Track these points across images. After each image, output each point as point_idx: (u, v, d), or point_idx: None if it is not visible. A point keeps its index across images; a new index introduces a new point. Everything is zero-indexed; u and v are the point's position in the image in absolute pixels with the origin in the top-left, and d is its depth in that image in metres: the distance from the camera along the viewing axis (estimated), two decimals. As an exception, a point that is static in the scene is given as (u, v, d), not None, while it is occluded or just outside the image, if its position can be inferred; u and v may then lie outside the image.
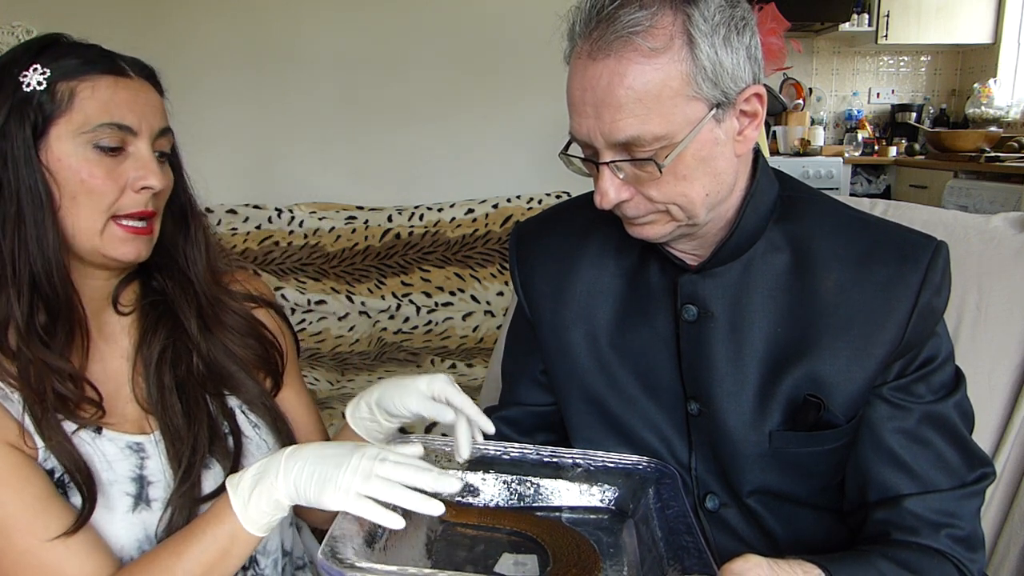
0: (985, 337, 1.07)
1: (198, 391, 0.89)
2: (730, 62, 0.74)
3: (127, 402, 0.87)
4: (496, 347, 1.43)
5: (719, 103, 0.74)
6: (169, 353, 0.89)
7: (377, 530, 0.73)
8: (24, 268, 0.78)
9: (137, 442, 0.85)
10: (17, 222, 0.77)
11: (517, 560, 0.74)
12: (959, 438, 0.81)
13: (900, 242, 0.82)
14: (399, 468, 0.70)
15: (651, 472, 0.85)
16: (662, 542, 0.74)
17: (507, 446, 0.88)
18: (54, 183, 0.78)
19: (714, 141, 0.76)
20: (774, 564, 0.69)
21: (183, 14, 3.16)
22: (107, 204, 0.79)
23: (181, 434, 0.85)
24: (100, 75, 0.79)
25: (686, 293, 0.86)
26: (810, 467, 0.84)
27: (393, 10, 3.34)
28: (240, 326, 0.93)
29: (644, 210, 0.79)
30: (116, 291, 0.88)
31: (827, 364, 0.80)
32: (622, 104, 0.72)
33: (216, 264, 0.94)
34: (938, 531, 0.78)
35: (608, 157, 0.76)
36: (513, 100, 3.42)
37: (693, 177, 0.76)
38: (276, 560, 0.93)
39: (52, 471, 0.78)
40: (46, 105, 0.77)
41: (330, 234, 3.09)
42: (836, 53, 4.48)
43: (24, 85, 0.77)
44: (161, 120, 0.84)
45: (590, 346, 0.91)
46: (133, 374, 0.88)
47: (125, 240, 0.81)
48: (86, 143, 0.78)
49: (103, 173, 0.79)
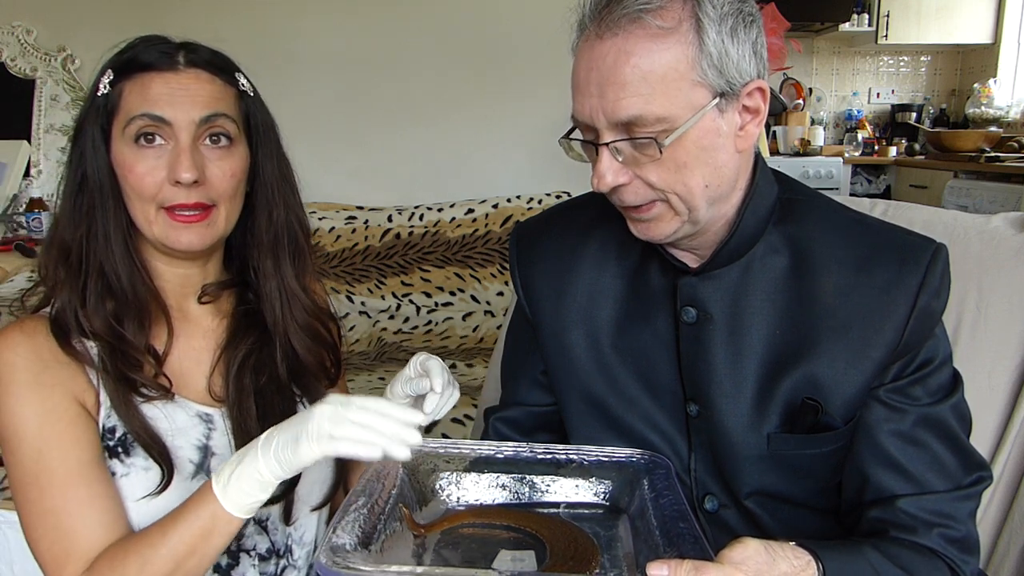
0: (985, 337, 1.07)
1: (275, 398, 0.92)
2: (736, 53, 0.74)
3: (202, 379, 0.90)
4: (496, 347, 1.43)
5: (723, 92, 0.75)
6: (253, 360, 0.91)
7: (375, 531, 0.73)
8: (94, 257, 0.84)
9: (207, 412, 0.89)
10: (90, 214, 0.84)
11: (515, 556, 0.74)
12: (955, 441, 0.81)
13: (899, 245, 0.82)
14: (365, 407, 0.71)
15: (644, 463, 0.86)
16: (658, 531, 0.75)
17: (500, 445, 0.89)
18: (119, 180, 0.84)
19: (716, 131, 0.76)
20: (770, 548, 0.69)
21: (183, 14, 3.16)
22: (150, 196, 0.83)
23: (253, 436, 0.86)
24: (147, 72, 0.83)
25: (685, 295, 0.86)
26: (808, 469, 0.84)
27: (393, 10, 3.34)
28: (307, 326, 0.95)
29: (643, 197, 0.79)
30: (204, 287, 0.92)
31: (825, 367, 0.80)
32: (627, 82, 0.72)
33: (304, 266, 0.95)
34: (931, 530, 0.78)
35: (608, 138, 0.76)
36: (513, 100, 3.41)
37: (693, 165, 0.76)
38: (310, 552, 0.96)
39: (114, 428, 0.83)
40: (109, 108, 0.83)
41: (330, 234, 3.10)
42: (836, 53, 4.48)
43: (98, 91, 0.84)
44: (206, 108, 0.83)
45: (590, 347, 0.91)
46: (213, 371, 0.91)
47: (176, 228, 0.84)
48: (129, 138, 0.82)
49: (142, 167, 0.82)
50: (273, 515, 0.92)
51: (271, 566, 0.92)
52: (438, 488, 0.87)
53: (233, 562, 0.90)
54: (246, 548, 0.90)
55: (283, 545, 0.93)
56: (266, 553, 0.92)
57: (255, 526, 0.91)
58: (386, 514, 0.77)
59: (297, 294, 0.93)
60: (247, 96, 0.89)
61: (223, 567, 0.89)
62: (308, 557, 0.96)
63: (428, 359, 0.86)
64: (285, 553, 0.93)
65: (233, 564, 0.90)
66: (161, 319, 0.88)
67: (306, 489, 0.93)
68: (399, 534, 0.78)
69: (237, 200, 0.88)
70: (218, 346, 0.91)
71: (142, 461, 0.83)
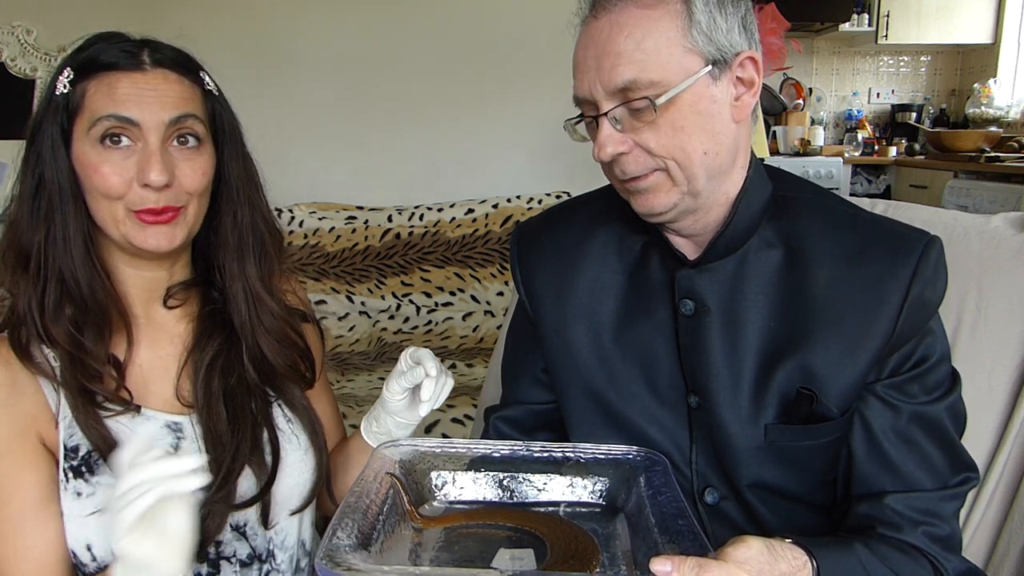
0: (985, 337, 1.07)
1: (245, 400, 0.90)
2: (724, 24, 0.78)
3: (169, 386, 0.89)
4: (496, 347, 1.43)
5: (715, 60, 0.78)
6: (220, 361, 0.90)
7: (373, 532, 0.73)
8: (52, 262, 0.81)
9: (175, 421, 0.87)
10: (48, 217, 0.81)
11: (514, 555, 0.74)
12: (947, 441, 0.82)
13: (892, 237, 0.83)
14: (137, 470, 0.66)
15: (640, 460, 0.86)
16: (656, 528, 0.74)
17: (497, 444, 0.89)
18: (81, 181, 0.81)
19: (711, 98, 0.78)
20: (771, 547, 0.70)
21: (183, 14, 3.16)
22: (116, 196, 0.81)
23: (223, 440, 0.86)
24: (112, 72, 0.80)
25: (683, 287, 0.87)
26: (805, 461, 0.84)
27: (393, 10, 3.34)
28: (275, 330, 0.93)
29: (643, 166, 0.80)
30: (169, 289, 0.90)
31: (819, 357, 0.81)
32: (621, 51, 0.76)
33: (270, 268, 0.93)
34: (917, 528, 0.79)
35: (606, 107, 0.78)
36: (513, 100, 3.41)
37: (691, 130, 0.78)
38: (293, 556, 0.94)
39: (77, 448, 0.81)
40: (69, 108, 0.81)
41: (330, 234, 3.10)
42: (836, 53, 4.48)
43: (56, 90, 0.81)
44: (175, 109, 0.82)
45: (592, 342, 0.91)
46: (181, 374, 0.89)
47: (144, 229, 0.82)
48: (94, 139, 0.80)
49: (109, 168, 0.80)
50: (251, 520, 0.90)
51: (253, 571, 0.91)
52: (435, 488, 0.87)
53: (214, 570, 0.88)
54: (226, 555, 0.89)
55: (265, 550, 0.92)
56: (247, 559, 0.90)
57: (233, 532, 0.89)
58: (384, 514, 0.77)
59: (263, 297, 0.91)
60: (212, 95, 0.88)
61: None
62: (292, 561, 0.94)
63: (417, 350, 0.87)
64: (268, 558, 0.92)
65: (214, 572, 0.88)
66: (122, 327, 0.86)
67: (284, 494, 0.92)
68: (398, 535, 0.78)
69: (204, 200, 0.87)
70: (185, 349, 0.90)
71: (107, 479, 0.80)
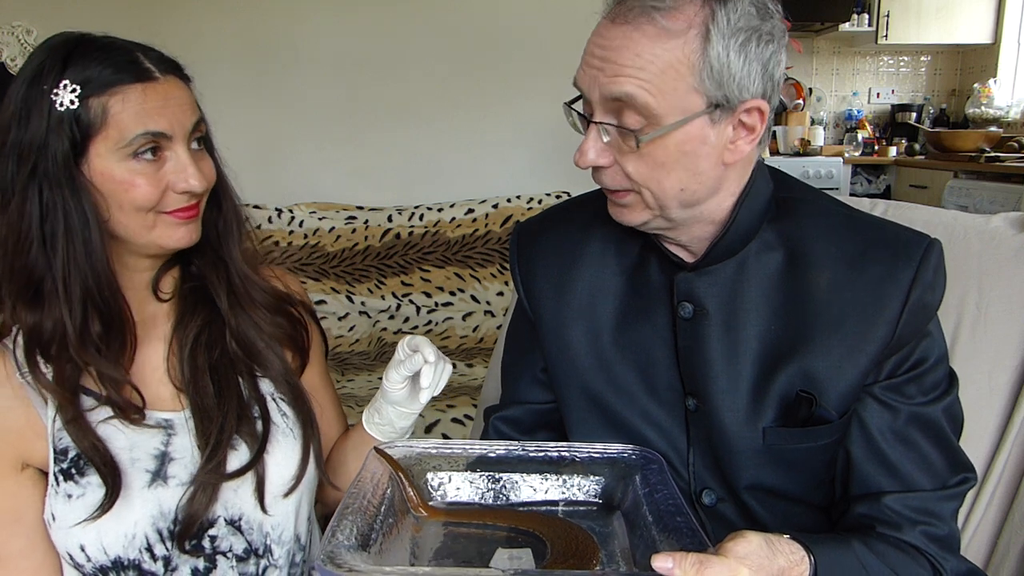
0: (985, 337, 1.07)
1: (231, 374, 0.92)
2: (740, 69, 0.74)
3: (161, 383, 0.90)
4: (496, 347, 1.43)
5: (719, 104, 0.75)
6: (205, 336, 0.92)
7: (372, 533, 0.73)
8: (76, 283, 0.80)
9: (167, 419, 0.88)
10: (67, 239, 0.79)
11: (512, 555, 0.74)
12: (945, 442, 0.82)
13: (893, 240, 0.82)
14: None
15: (636, 459, 0.86)
16: (654, 526, 0.75)
17: (492, 444, 0.89)
18: (100, 196, 0.80)
19: (702, 139, 0.77)
20: (770, 542, 0.70)
21: (183, 14, 3.16)
22: (151, 206, 0.82)
23: (211, 413, 0.88)
24: (128, 85, 0.79)
25: (682, 291, 0.86)
26: (804, 463, 0.84)
27: (393, 10, 3.34)
28: (269, 303, 0.96)
29: (618, 184, 0.80)
30: (156, 278, 0.91)
31: (820, 360, 0.81)
32: (626, 66, 0.74)
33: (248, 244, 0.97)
34: (915, 527, 0.80)
35: (599, 117, 0.78)
36: (513, 100, 3.41)
37: (671, 167, 0.77)
38: (289, 550, 0.95)
39: (66, 450, 0.82)
40: (82, 123, 0.78)
41: (330, 234, 3.10)
42: (836, 53, 4.48)
43: (57, 104, 0.77)
44: (192, 114, 0.85)
45: (591, 343, 0.91)
46: (168, 354, 0.91)
47: (176, 227, 0.85)
48: (126, 156, 0.80)
49: (145, 181, 0.81)
50: (247, 514, 0.90)
51: (250, 566, 0.91)
52: (432, 488, 0.87)
53: (210, 565, 0.88)
54: (222, 550, 0.89)
55: (261, 544, 0.92)
56: (243, 553, 0.90)
57: (228, 526, 0.89)
58: (382, 515, 0.77)
59: (247, 274, 0.95)
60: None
61: (200, 570, 0.88)
62: (288, 556, 0.94)
63: (414, 338, 0.88)
64: (265, 553, 0.92)
65: (211, 567, 0.89)
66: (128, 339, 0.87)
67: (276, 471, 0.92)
68: (398, 535, 0.78)
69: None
70: (170, 329, 0.92)
71: (97, 479, 0.82)
